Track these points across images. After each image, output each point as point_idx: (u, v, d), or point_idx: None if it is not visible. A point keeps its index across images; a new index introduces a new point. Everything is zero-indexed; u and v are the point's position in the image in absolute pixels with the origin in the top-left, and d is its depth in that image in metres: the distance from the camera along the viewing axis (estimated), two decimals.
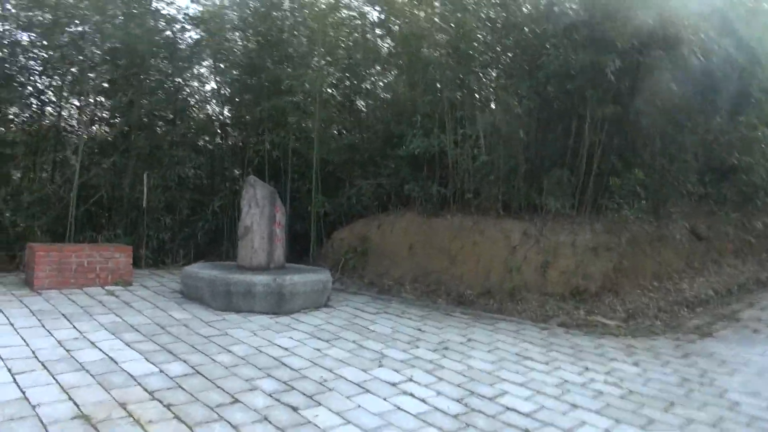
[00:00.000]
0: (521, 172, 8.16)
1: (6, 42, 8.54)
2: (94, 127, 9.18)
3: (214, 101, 10.49)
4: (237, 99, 10.21)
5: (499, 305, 7.64)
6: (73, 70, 8.80)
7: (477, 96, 8.46)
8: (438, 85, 8.74)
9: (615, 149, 8.05)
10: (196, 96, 10.33)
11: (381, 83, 10.12)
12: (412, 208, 9.03)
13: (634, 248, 7.99)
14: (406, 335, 5.89)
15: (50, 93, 8.95)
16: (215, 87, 10.39)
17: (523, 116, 8.10)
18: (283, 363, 4.73)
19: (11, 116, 8.74)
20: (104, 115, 9.40)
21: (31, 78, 8.88)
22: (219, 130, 10.49)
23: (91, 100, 9.09)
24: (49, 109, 9.05)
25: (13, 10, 8.55)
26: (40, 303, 5.98)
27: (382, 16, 10.12)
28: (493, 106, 8.19)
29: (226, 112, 10.58)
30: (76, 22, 8.68)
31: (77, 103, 9.06)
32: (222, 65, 10.16)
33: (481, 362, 5.10)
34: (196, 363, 4.54)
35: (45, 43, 8.76)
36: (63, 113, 9.12)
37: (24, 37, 8.83)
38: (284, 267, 7.23)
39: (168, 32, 9.71)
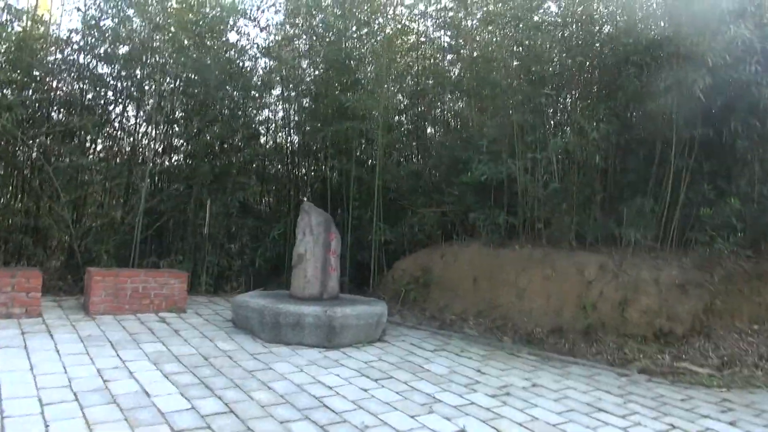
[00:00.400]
0: (597, 201, 7.50)
1: (87, 74, 8.93)
2: (163, 155, 9.36)
3: (282, 129, 10.50)
4: (303, 126, 10.17)
5: (572, 346, 6.94)
6: (147, 100, 9.07)
7: (549, 119, 7.89)
8: (509, 110, 8.25)
9: (706, 176, 7.22)
10: (265, 124, 10.37)
11: (449, 108, 9.75)
12: (478, 238, 8.51)
13: (728, 286, 7.08)
14: (464, 377, 5.37)
15: (125, 121, 9.23)
16: (282, 115, 10.42)
17: (600, 141, 7.45)
18: (325, 404, 4.35)
19: (89, 144, 9.08)
20: (174, 142, 9.58)
21: (108, 107, 9.22)
22: (284, 158, 10.46)
23: (162, 129, 9.28)
24: (122, 136, 9.34)
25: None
26: (90, 328, 5.95)
27: (452, 41, 9.86)
28: (567, 130, 7.61)
29: (291, 139, 10.55)
30: (152, 54, 8.96)
31: (149, 131, 9.28)
32: (290, 93, 10.18)
33: (546, 412, 4.51)
34: (232, 400, 4.25)
35: (123, 74, 9.11)
36: (135, 141, 9.39)
37: (105, 69, 9.24)
38: (338, 298, 6.91)
39: (239, 62, 9.87)
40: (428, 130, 10.15)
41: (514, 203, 8.21)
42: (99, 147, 9.17)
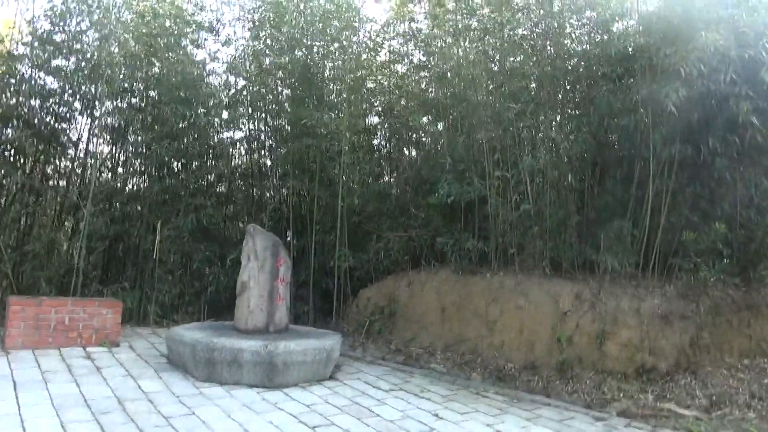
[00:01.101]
0: (573, 224, 6.94)
1: (31, 87, 8.34)
2: (106, 173, 8.74)
3: (243, 146, 9.93)
4: (264, 144, 9.61)
5: (545, 384, 6.31)
6: (96, 115, 8.50)
7: (520, 137, 7.36)
8: (479, 127, 7.72)
9: (688, 198, 6.69)
10: (224, 142, 9.79)
11: (420, 127, 9.20)
12: (448, 265, 7.90)
13: (716, 318, 6.50)
14: (418, 422, 4.71)
15: (69, 137, 8.61)
16: (244, 133, 9.85)
17: (574, 159, 6.94)
18: None
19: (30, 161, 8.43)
20: (123, 159, 8.98)
21: (52, 123, 8.60)
22: (245, 177, 9.88)
23: (110, 146, 8.69)
24: (66, 153, 8.71)
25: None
26: None
27: (423, 58, 9.42)
28: (540, 148, 7.08)
29: (252, 158, 9.97)
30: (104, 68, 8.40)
31: (95, 148, 8.67)
32: (251, 110, 9.65)
33: None
34: None
35: (70, 88, 8.53)
36: (79, 159, 8.74)
37: (52, 83, 8.66)
38: (287, 330, 6.25)
39: (197, 76, 9.35)
40: (398, 150, 9.61)
41: (486, 227, 7.63)
42: (40, 165, 8.47)
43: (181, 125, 8.58)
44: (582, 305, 6.57)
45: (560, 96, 7.41)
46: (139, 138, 8.59)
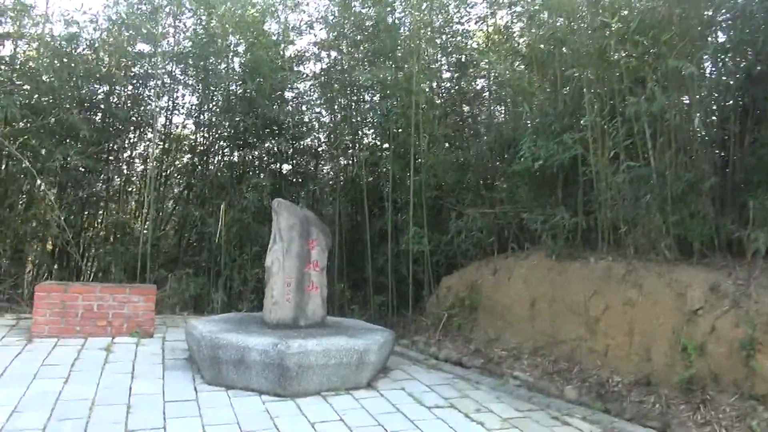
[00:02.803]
0: (707, 190, 5.04)
1: None
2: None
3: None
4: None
5: (664, 408, 4.60)
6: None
7: (633, 75, 5.53)
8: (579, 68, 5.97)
9: None
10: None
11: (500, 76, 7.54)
12: (541, 248, 6.31)
13: None
14: None
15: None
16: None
17: (707, 98, 5.04)
18: None
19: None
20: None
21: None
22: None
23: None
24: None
25: None
26: (5, 357, 4.82)
27: None
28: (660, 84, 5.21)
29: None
30: None
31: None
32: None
33: None
34: None
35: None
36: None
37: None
38: (324, 324, 5.20)
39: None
40: (482, 108, 7.99)
41: (589, 199, 5.94)
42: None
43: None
44: (720, 301, 4.69)
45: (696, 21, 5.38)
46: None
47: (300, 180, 9.03)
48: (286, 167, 8.91)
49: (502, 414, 4.30)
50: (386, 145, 8.09)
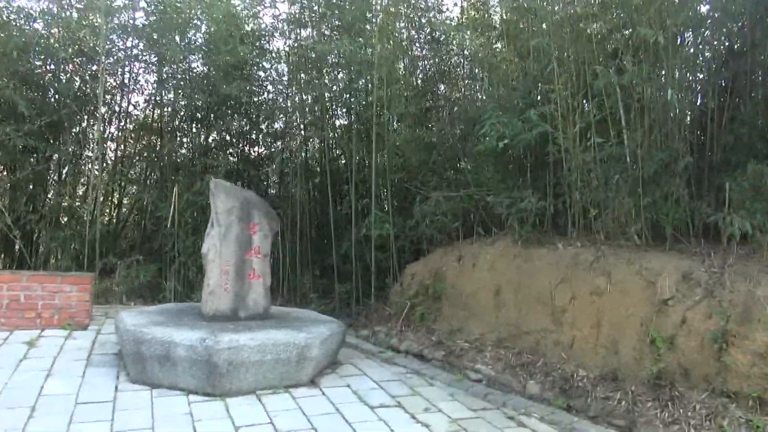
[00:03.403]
0: (681, 170, 4.67)
1: None
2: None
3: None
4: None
5: (631, 405, 4.26)
6: None
7: (603, 47, 5.12)
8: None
9: None
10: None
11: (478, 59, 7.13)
12: (508, 233, 5.93)
13: None
14: None
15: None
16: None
17: (683, 72, 4.65)
18: None
19: None
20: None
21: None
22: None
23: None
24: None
25: None
26: None
27: None
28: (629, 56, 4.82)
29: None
30: None
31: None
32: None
33: None
34: None
35: None
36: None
37: None
38: (267, 316, 4.80)
39: None
40: (443, 87, 7.56)
41: (557, 181, 5.56)
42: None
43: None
44: (692, 291, 4.34)
45: None
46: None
47: (264, 161, 8.59)
48: (248, 149, 8.44)
49: (452, 414, 3.93)
50: (355, 126, 7.67)
